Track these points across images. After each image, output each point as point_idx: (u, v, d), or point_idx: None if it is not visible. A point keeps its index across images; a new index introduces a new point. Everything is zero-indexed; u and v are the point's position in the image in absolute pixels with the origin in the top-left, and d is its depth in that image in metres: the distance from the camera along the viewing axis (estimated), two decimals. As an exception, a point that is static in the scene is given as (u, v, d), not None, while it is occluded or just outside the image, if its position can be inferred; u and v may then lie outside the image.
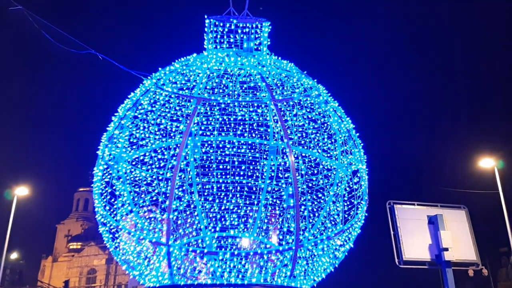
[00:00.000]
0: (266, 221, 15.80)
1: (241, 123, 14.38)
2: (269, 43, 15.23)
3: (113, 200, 13.38)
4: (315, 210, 13.90)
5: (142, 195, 13.61)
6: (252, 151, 15.12)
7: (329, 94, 14.48)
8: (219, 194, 15.03)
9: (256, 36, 15.07)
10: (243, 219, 15.47)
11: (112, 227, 13.21)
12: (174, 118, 13.75)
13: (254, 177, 15.19)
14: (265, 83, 13.57)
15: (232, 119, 14.16)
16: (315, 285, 14.01)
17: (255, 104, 13.84)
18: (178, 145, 13.00)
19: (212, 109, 14.55)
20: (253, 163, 15.11)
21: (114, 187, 13.45)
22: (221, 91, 14.03)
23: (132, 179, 13.85)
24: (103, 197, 13.46)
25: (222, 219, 15.25)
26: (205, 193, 15.35)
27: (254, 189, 15.26)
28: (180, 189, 13.90)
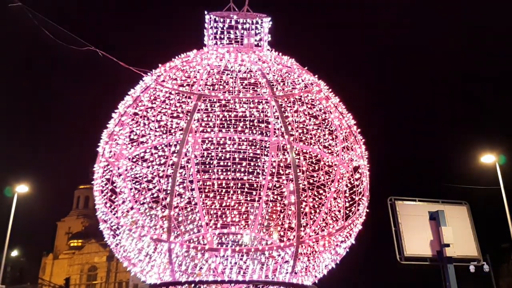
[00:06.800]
0: (267, 217, 15.78)
1: (242, 120, 14.33)
2: (269, 39, 15.16)
3: (113, 197, 13.36)
4: (316, 206, 13.86)
5: (143, 192, 13.57)
6: (252, 147, 15.08)
7: (330, 90, 14.42)
8: (219, 190, 15.00)
9: (257, 32, 14.99)
10: (244, 216, 15.46)
11: (112, 224, 13.18)
12: (175, 115, 13.69)
13: (255, 174, 15.16)
14: (265, 79, 13.51)
15: (232, 115, 14.11)
16: (316, 281, 13.99)
17: (256, 101, 13.77)
18: (179, 141, 12.95)
19: (213, 105, 14.50)
20: (254, 159, 15.08)
21: (114, 184, 13.42)
22: (221, 87, 13.97)
23: (132, 176, 13.82)
24: (103, 194, 13.43)
25: (223, 216, 15.24)
26: (206, 190, 15.33)
27: (255, 185, 15.23)
28: (181, 186, 13.86)
